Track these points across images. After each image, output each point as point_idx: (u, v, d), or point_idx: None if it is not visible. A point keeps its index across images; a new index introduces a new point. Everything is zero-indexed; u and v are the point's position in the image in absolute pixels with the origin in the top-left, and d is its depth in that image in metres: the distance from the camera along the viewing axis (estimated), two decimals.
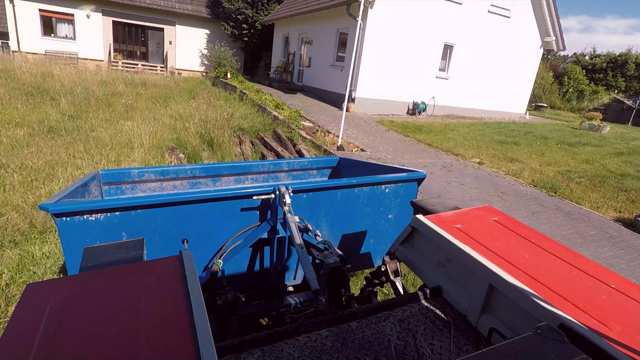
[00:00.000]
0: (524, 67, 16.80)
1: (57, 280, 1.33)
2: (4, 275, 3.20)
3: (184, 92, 14.12)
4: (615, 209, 6.31)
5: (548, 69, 26.56)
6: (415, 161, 7.89)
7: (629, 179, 7.76)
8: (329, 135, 8.85)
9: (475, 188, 6.61)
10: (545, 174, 7.83)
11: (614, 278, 1.52)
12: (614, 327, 1.25)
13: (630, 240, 5.23)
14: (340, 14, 13.19)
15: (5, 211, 4.30)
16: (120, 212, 2.01)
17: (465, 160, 8.54)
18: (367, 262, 2.99)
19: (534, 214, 5.73)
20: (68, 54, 20.58)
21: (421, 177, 2.91)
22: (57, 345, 0.98)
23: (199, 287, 1.21)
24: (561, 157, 9.38)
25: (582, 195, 6.77)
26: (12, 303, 2.90)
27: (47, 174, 5.58)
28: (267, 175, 3.63)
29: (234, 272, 2.51)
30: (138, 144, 7.29)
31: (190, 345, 0.99)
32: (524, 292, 1.38)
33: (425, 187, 6.24)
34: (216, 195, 2.28)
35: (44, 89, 11.24)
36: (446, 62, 14.88)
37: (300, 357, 1.35)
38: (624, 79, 26.72)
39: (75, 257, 1.89)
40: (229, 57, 20.28)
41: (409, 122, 12.56)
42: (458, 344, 1.48)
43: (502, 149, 9.83)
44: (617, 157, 9.68)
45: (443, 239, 1.74)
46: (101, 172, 2.90)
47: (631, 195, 6.83)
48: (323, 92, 15.14)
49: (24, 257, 3.51)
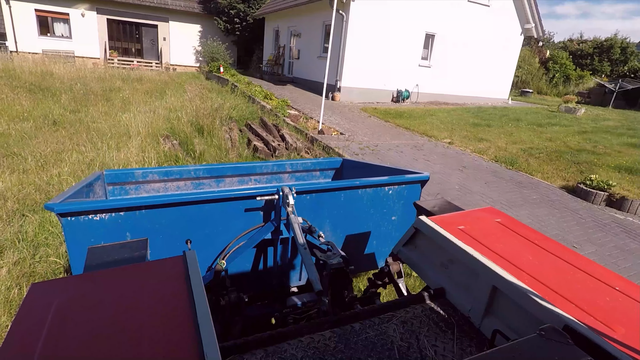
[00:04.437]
0: (506, 54, 17.43)
1: (62, 279, 1.37)
2: (29, 232, 3.96)
3: (178, 86, 14.79)
4: (564, 178, 7.05)
5: (535, 54, 27.13)
6: (389, 142, 8.62)
7: (584, 153, 8.50)
8: (310, 121, 9.57)
9: (439, 163, 7.35)
10: (508, 151, 8.56)
11: (618, 280, 1.52)
12: (618, 329, 1.24)
13: (567, 203, 5.98)
14: (325, 7, 13.80)
15: (23, 188, 5.04)
16: (124, 212, 2.04)
17: (437, 141, 9.27)
18: (370, 263, 3.00)
19: (487, 184, 6.48)
20: (65, 53, 21.15)
21: (424, 179, 2.91)
22: (62, 344, 0.99)
23: (203, 287, 1.22)
24: (528, 136, 10.11)
25: (537, 168, 7.51)
26: (41, 246, 3.67)
27: (55, 159, 6.31)
28: (270, 177, 3.64)
29: (238, 272, 2.53)
30: (135, 133, 8.01)
31: (194, 345, 1.00)
32: (527, 293, 1.37)
33: (392, 162, 6.98)
34: (220, 195, 2.28)
35: (45, 87, 11.93)
36: (428, 50, 15.53)
37: (304, 357, 1.35)
38: (609, 63, 27.28)
39: (80, 257, 1.89)
40: (221, 52, 20.90)
41: (391, 109, 13.26)
42: (461, 345, 1.48)
43: (475, 130, 10.55)
44: (580, 135, 10.41)
45: (446, 241, 1.74)
46: (105, 172, 2.94)
47: (581, 167, 7.57)
48: (311, 82, 15.80)
49: (43, 221, 4.26)
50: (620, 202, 5.95)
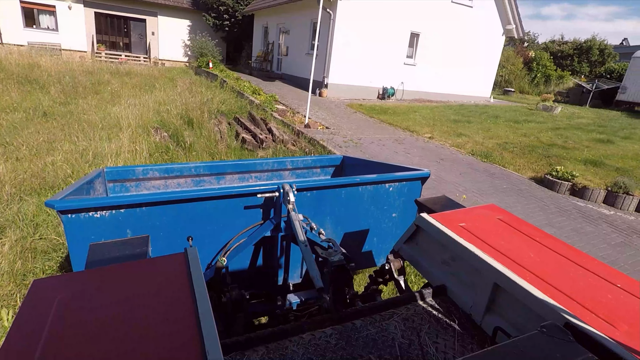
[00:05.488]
0: (488, 54, 18.02)
1: (64, 276, 1.37)
2: (28, 213, 4.21)
3: (167, 81, 14.92)
4: (534, 170, 7.53)
5: (518, 55, 27.91)
6: (372, 136, 9.01)
7: (555, 147, 9.03)
8: (297, 116, 9.90)
9: (418, 156, 7.76)
10: (485, 146, 9.04)
11: (620, 277, 1.51)
12: (620, 326, 1.24)
13: (534, 192, 6.45)
14: (313, 4, 14.08)
15: (18, 174, 5.25)
16: (125, 209, 2.03)
17: (419, 135, 9.70)
18: (371, 260, 3.01)
19: (462, 174, 6.91)
20: (51, 45, 20.95)
21: (425, 175, 2.90)
22: (64, 341, 1.00)
23: (204, 284, 1.23)
24: (504, 132, 10.63)
25: (510, 161, 7.99)
26: (40, 226, 3.93)
27: (48, 148, 6.50)
28: (270, 174, 3.65)
29: (238, 269, 2.53)
30: (126, 125, 8.21)
31: (195, 342, 1.00)
32: (529, 290, 1.38)
33: (374, 154, 7.36)
34: (220, 193, 2.28)
35: (32, 79, 11.96)
36: (413, 49, 15.98)
37: (305, 355, 1.35)
38: (588, 64, 28.25)
39: (81, 254, 1.90)
40: (210, 47, 21.01)
41: (377, 105, 13.66)
42: (462, 342, 1.48)
43: (455, 126, 11.02)
44: (553, 131, 10.98)
45: (448, 238, 1.74)
46: (106, 169, 2.94)
47: (551, 160, 8.07)
48: (299, 79, 16.11)
49: (40, 203, 4.50)
50: (582, 192, 6.44)
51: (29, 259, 3.50)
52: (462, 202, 5.39)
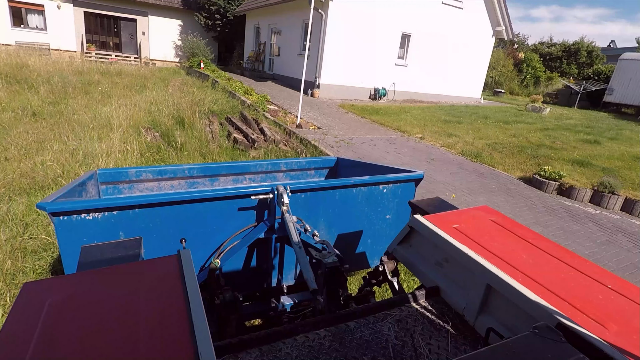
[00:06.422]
0: (478, 55, 18.23)
1: (55, 279, 1.35)
2: (18, 213, 4.18)
3: (158, 81, 14.84)
4: (523, 170, 7.66)
5: (509, 57, 28.28)
6: (364, 136, 9.07)
7: (543, 148, 9.19)
8: (289, 116, 9.93)
9: (409, 156, 7.84)
10: (475, 146, 9.16)
11: (611, 278, 1.53)
12: (611, 327, 1.26)
13: (522, 191, 6.56)
14: (305, 5, 14.12)
15: (7, 174, 5.20)
16: (117, 211, 2.02)
17: (410, 135, 9.79)
18: (365, 262, 3.01)
19: (452, 174, 7.00)
20: (40, 45, 20.66)
21: (419, 177, 2.92)
22: (55, 344, 0.98)
23: (197, 286, 1.22)
24: (494, 132, 10.78)
25: (500, 161, 8.11)
26: (30, 226, 3.91)
27: (37, 148, 6.45)
28: (264, 175, 3.65)
29: (232, 271, 2.53)
30: (117, 125, 8.16)
31: (188, 344, 1.00)
32: (521, 292, 1.39)
33: (365, 154, 7.42)
34: (214, 194, 2.27)
35: (21, 78, 11.82)
36: (404, 50, 16.11)
37: (298, 356, 1.35)
38: (576, 65, 28.72)
39: (72, 256, 1.89)
40: (202, 47, 20.93)
41: (368, 105, 13.75)
42: (456, 343, 1.49)
43: (445, 126, 11.14)
44: (542, 132, 11.16)
45: (441, 239, 1.75)
46: (98, 171, 2.91)
47: (539, 160, 8.21)
48: (291, 79, 16.13)
49: (30, 203, 4.47)
50: (569, 191, 6.57)
51: (19, 258, 3.48)
52: (451, 201, 5.48)
